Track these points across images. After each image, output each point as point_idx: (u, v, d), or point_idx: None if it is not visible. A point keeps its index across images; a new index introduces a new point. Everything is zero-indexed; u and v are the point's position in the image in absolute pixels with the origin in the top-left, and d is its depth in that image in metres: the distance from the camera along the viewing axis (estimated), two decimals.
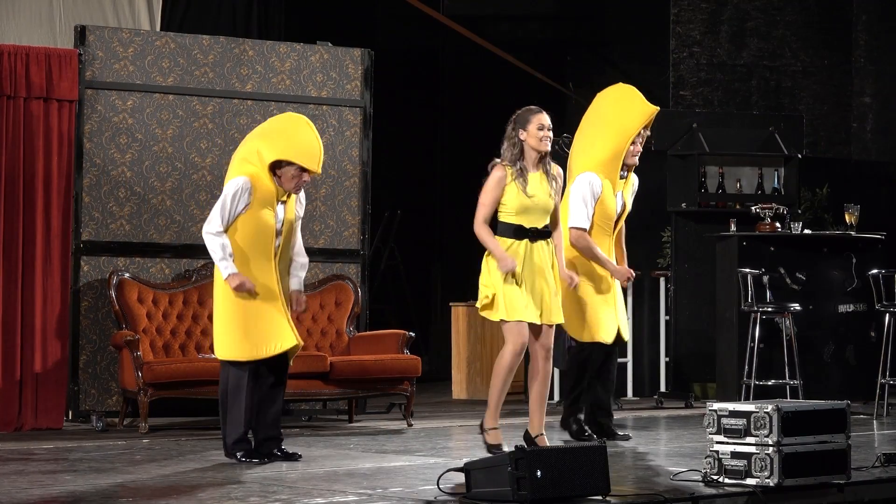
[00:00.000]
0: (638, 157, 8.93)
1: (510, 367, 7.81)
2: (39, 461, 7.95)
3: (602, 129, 8.90)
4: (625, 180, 8.94)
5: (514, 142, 7.84)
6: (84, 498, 6.46)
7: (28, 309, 9.59)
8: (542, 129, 7.81)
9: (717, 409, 6.83)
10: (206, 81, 10.42)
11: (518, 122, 7.87)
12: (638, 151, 8.91)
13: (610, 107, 8.99)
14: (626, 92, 9.04)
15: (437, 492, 6.56)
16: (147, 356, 9.63)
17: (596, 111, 9.04)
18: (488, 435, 7.96)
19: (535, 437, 7.99)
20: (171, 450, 8.49)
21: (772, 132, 12.63)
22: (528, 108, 7.92)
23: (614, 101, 9.02)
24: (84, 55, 10.00)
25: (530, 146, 7.82)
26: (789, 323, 10.89)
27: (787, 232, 11.53)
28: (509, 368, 7.81)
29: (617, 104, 8.98)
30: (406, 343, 10.25)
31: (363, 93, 10.95)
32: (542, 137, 7.80)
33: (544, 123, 7.83)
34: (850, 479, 6.89)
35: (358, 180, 10.91)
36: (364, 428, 10.02)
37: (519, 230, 7.78)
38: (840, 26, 14.09)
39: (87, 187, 10.01)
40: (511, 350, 7.78)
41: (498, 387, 7.85)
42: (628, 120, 8.86)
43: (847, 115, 14.12)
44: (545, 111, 7.94)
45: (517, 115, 7.90)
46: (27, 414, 9.57)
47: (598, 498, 6.27)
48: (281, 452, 7.95)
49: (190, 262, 10.30)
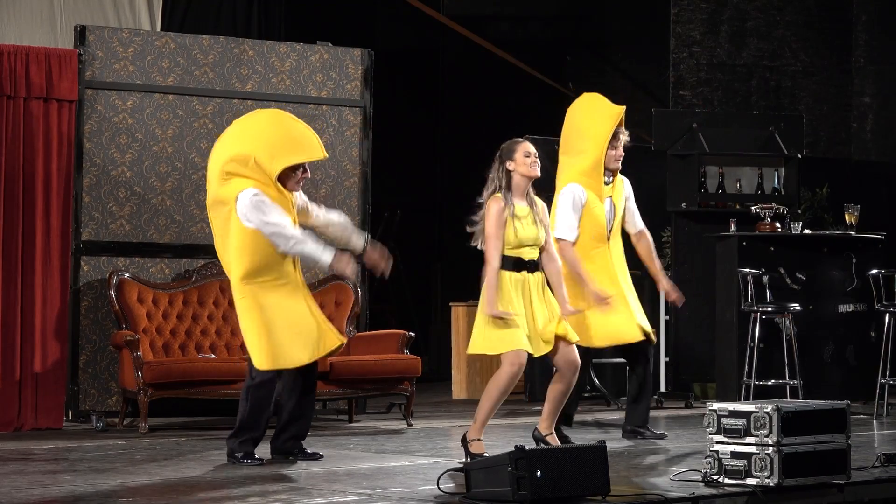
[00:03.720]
0: (621, 161, 8.95)
1: (505, 390, 7.78)
2: (39, 461, 7.95)
3: (577, 142, 8.98)
4: (611, 185, 8.97)
5: (500, 174, 7.83)
6: (84, 498, 6.46)
7: (28, 309, 9.59)
8: (528, 156, 7.86)
9: (717, 409, 6.83)
10: (206, 81, 10.42)
11: (503, 154, 7.87)
12: (620, 155, 8.93)
13: (579, 118, 9.06)
14: (590, 100, 9.12)
15: (437, 492, 6.56)
16: (147, 356, 9.63)
17: (569, 125, 9.10)
18: (472, 445, 7.90)
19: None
20: (171, 450, 8.49)
21: (772, 132, 12.63)
22: (511, 140, 7.97)
23: (581, 111, 9.09)
24: (84, 55, 10.00)
25: (520, 174, 7.81)
26: (789, 323, 10.89)
27: (787, 232, 11.53)
28: (504, 391, 7.78)
29: (585, 113, 9.06)
30: (406, 343, 10.26)
31: (363, 93, 10.96)
32: (530, 163, 7.83)
33: (530, 151, 7.87)
34: (850, 479, 6.89)
35: (358, 180, 10.91)
36: (364, 428, 10.02)
37: (518, 262, 7.80)
38: (840, 26, 14.09)
39: (87, 187, 10.02)
40: (508, 372, 7.73)
41: (487, 407, 7.79)
42: (598, 125, 8.92)
43: (847, 115, 14.12)
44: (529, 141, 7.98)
45: (501, 149, 7.92)
46: (27, 414, 9.56)
47: (598, 498, 6.27)
48: (301, 452, 7.95)
49: (190, 262, 10.31)
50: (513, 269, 7.77)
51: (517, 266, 7.78)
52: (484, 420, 7.85)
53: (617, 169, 8.98)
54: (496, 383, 7.76)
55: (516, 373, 7.74)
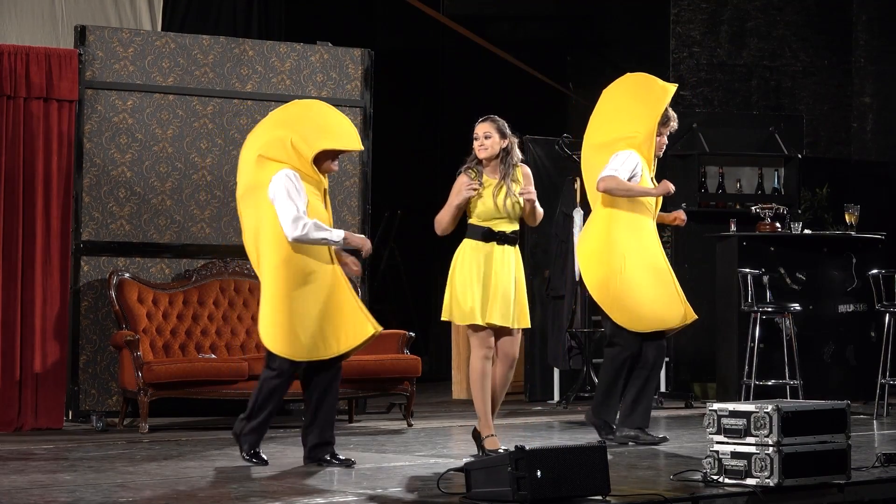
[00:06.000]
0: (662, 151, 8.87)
1: (483, 373, 7.99)
2: (39, 461, 7.94)
3: (629, 114, 8.80)
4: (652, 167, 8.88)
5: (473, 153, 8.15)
6: (84, 498, 6.46)
7: (28, 309, 9.59)
8: (476, 139, 8.12)
9: (717, 409, 6.83)
10: (206, 81, 10.42)
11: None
12: (662, 143, 8.84)
13: (631, 92, 8.90)
14: (642, 77, 8.98)
15: (437, 492, 6.56)
16: (147, 356, 9.63)
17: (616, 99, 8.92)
18: (486, 441, 8.02)
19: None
20: (171, 450, 8.49)
21: (772, 132, 12.64)
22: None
23: (634, 85, 8.93)
24: (84, 55, 10.00)
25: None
26: (789, 323, 10.89)
27: (787, 232, 11.53)
28: (482, 374, 7.99)
29: (637, 87, 8.90)
30: (406, 343, 10.26)
31: (363, 93, 10.96)
32: (476, 147, 8.10)
33: (479, 133, 8.11)
34: (850, 479, 6.89)
35: (358, 180, 10.91)
36: (364, 428, 10.02)
37: (488, 234, 8.02)
38: (840, 26, 14.09)
39: (87, 187, 10.02)
40: (478, 356, 7.99)
41: (479, 395, 8.02)
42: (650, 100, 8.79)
43: (847, 115, 14.12)
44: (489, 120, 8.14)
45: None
46: (27, 414, 9.56)
47: (598, 498, 6.27)
48: (334, 459, 7.67)
49: (190, 262, 10.31)
50: (480, 238, 8.01)
51: (486, 236, 8.01)
52: (484, 411, 7.98)
53: (658, 156, 8.87)
54: (473, 372, 8.00)
55: (486, 354, 7.98)
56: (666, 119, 8.79)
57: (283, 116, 7.84)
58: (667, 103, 8.77)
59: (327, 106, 7.96)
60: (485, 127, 8.08)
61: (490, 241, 8.01)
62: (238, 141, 9.81)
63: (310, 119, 7.71)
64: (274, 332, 7.59)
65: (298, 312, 7.55)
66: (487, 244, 8.01)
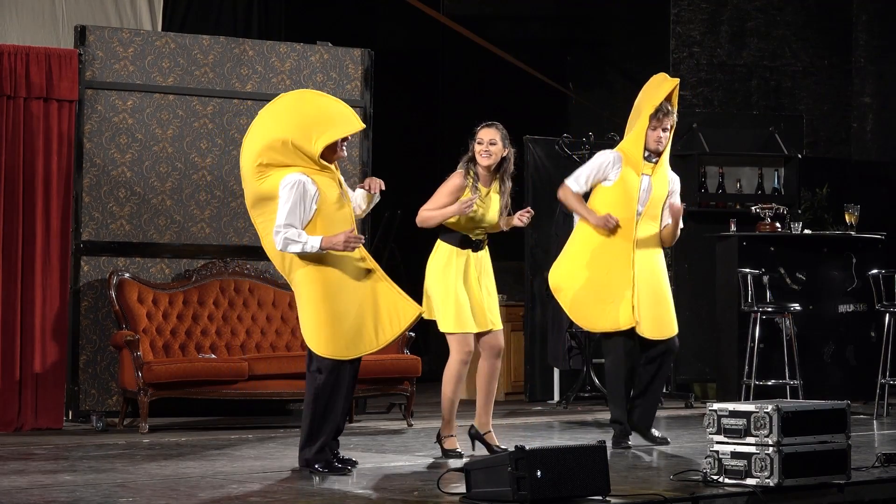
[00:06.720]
0: (662, 145, 8.61)
1: (458, 376, 8.04)
2: (39, 461, 7.94)
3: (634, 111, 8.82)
4: (655, 164, 8.64)
5: (470, 154, 8.08)
6: (84, 498, 6.46)
7: (27, 309, 9.59)
8: (481, 144, 8.03)
9: (717, 409, 6.83)
10: (206, 81, 10.42)
11: (473, 135, 8.09)
12: (658, 137, 8.57)
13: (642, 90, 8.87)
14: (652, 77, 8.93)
15: (437, 492, 6.56)
16: (147, 356, 9.63)
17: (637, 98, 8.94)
18: (445, 441, 8.09)
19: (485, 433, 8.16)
20: (171, 450, 8.49)
21: (772, 132, 12.63)
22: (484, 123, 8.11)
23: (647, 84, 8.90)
24: (84, 55, 10.00)
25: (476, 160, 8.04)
26: (789, 323, 10.89)
27: (787, 232, 11.53)
28: (457, 378, 8.04)
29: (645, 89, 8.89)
30: (406, 343, 10.25)
31: (363, 93, 10.96)
32: (480, 152, 8.02)
33: (484, 138, 8.02)
34: (850, 479, 6.89)
35: (358, 180, 10.90)
36: (364, 428, 10.02)
37: (464, 240, 8.04)
38: (840, 26, 14.09)
39: (87, 187, 10.02)
40: (457, 360, 8.03)
41: (448, 397, 8.04)
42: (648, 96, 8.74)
43: (847, 115, 14.12)
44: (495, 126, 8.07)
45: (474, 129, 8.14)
46: (27, 414, 9.56)
47: (598, 498, 6.27)
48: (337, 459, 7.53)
49: (190, 262, 10.31)
50: (458, 245, 8.02)
51: (462, 243, 8.03)
52: (450, 413, 8.04)
53: (658, 151, 8.62)
54: (449, 374, 8.03)
55: (465, 359, 8.01)
56: (658, 112, 8.58)
57: (275, 115, 7.51)
58: (662, 97, 8.61)
59: (317, 94, 7.71)
60: (491, 133, 8.01)
61: (466, 248, 8.04)
62: (238, 141, 9.81)
63: (304, 114, 7.43)
64: (318, 335, 7.39)
65: (338, 312, 7.37)
66: (464, 250, 8.04)
